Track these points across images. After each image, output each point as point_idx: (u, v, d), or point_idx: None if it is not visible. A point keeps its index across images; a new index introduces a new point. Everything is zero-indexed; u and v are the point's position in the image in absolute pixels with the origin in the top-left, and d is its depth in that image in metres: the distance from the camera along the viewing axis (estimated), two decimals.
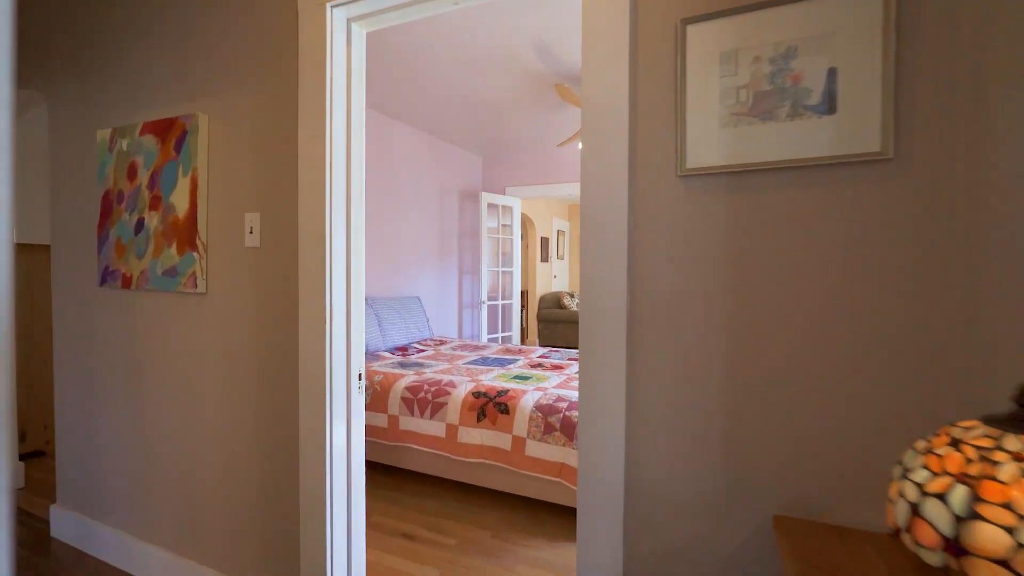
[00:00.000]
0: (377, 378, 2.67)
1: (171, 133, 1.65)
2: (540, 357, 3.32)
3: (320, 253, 1.41)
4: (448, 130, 4.32)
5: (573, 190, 4.91)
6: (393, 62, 2.84)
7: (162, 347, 1.72)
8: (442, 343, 3.83)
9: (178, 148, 1.64)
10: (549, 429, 2.16)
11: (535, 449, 2.17)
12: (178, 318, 1.69)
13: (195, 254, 1.61)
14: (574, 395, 2.33)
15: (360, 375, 1.52)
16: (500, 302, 5.04)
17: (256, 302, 1.55)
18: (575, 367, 3.00)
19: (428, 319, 4.19)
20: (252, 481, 1.56)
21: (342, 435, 1.46)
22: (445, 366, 2.97)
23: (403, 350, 3.47)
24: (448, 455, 2.36)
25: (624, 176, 1.05)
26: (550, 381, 2.62)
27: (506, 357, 3.31)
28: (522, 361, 3.17)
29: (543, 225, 7.76)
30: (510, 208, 5.16)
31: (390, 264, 3.99)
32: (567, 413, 2.17)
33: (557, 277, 8.42)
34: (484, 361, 3.16)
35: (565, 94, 2.77)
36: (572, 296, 7.66)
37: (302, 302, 1.44)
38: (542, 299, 7.55)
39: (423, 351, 3.50)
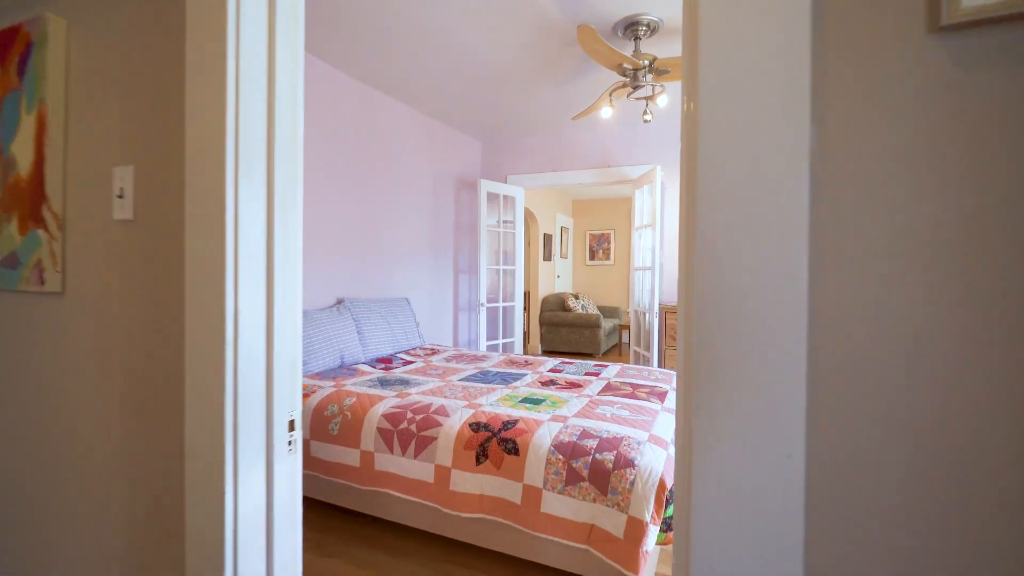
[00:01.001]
0: (348, 402, 2.10)
1: (10, 50, 1.09)
2: (552, 371, 2.76)
3: (216, 236, 0.85)
4: (443, 108, 3.76)
5: (584, 177, 4.36)
6: (377, 16, 2.28)
7: None
8: (434, 352, 3.27)
9: (21, 71, 1.07)
10: (573, 477, 1.60)
11: (554, 504, 1.61)
12: (21, 334, 1.12)
13: (41, 232, 1.04)
14: (604, 428, 1.77)
15: (291, 422, 0.96)
16: (501, 304, 4.49)
17: (126, 306, 0.98)
18: (596, 384, 2.44)
19: (418, 324, 3.63)
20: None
21: (255, 507, 0.89)
22: (435, 384, 2.40)
23: (386, 362, 2.91)
24: (437, 507, 1.80)
25: (804, 47, 0.49)
26: (569, 406, 2.05)
27: (510, 371, 2.75)
28: (530, 377, 2.61)
29: (546, 221, 7.21)
30: (512, 199, 4.60)
31: (374, 260, 3.42)
32: (597, 456, 1.61)
33: (560, 277, 7.87)
34: (484, 377, 2.60)
35: (589, 41, 2.20)
36: (576, 298, 7.11)
37: (189, 309, 0.88)
38: (545, 300, 6.99)
39: (410, 363, 2.93)
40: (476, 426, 1.83)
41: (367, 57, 2.87)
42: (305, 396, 2.19)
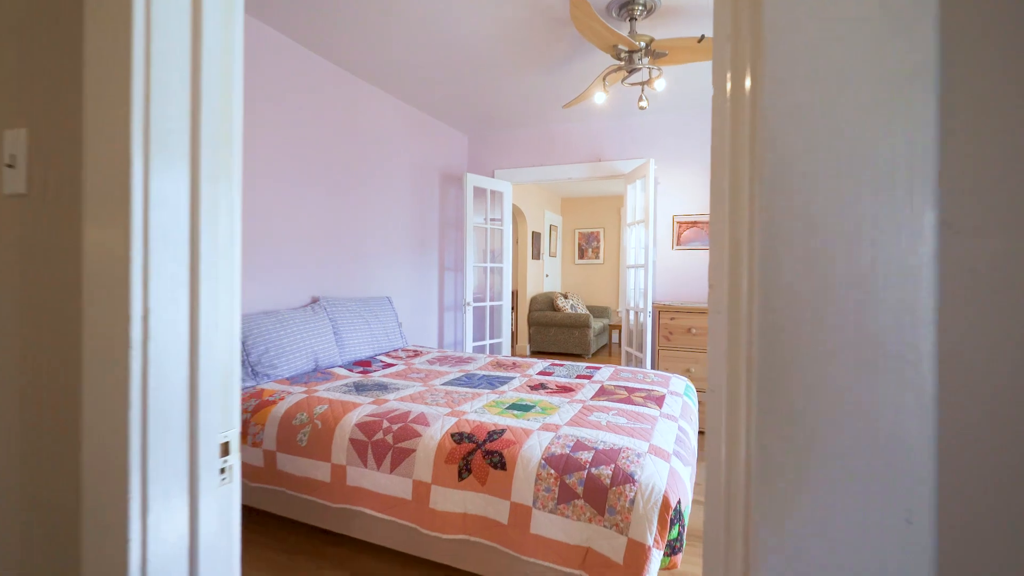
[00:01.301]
0: (319, 409, 1.91)
1: None
2: (541, 374, 2.60)
3: (119, 219, 0.67)
4: (427, 98, 3.57)
5: (574, 172, 4.20)
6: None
7: None
8: (416, 354, 3.09)
9: None
10: (566, 495, 1.44)
11: (545, 524, 1.45)
12: None
13: None
14: (600, 438, 1.62)
15: (224, 445, 0.78)
16: (488, 303, 4.31)
17: (17, 301, 0.79)
18: (589, 388, 2.28)
19: (400, 324, 3.44)
20: None
21: (172, 551, 0.71)
22: (416, 389, 2.22)
23: (365, 365, 2.72)
24: (415, 526, 1.62)
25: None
26: (561, 413, 1.89)
27: (497, 374, 2.58)
28: (518, 380, 2.45)
29: (534, 218, 7.05)
30: (500, 194, 4.43)
31: (354, 257, 3.23)
32: (593, 470, 1.45)
33: (549, 276, 7.72)
34: (469, 380, 2.43)
35: (582, 16, 2.02)
36: (565, 297, 6.97)
37: (87, 308, 0.70)
38: (533, 300, 6.84)
39: (391, 366, 2.74)
40: (459, 437, 1.66)
41: (347, 41, 2.67)
42: (272, 404, 2.00)
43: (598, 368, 2.73)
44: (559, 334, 6.53)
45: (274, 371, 2.30)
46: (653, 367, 3.62)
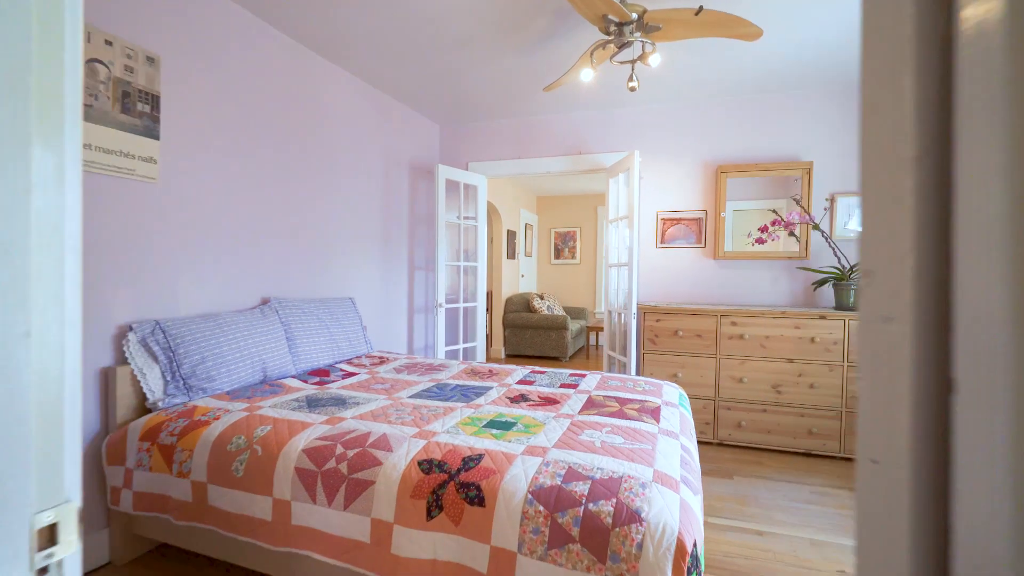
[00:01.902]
0: (261, 431, 1.60)
1: None
2: (521, 383, 2.34)
3: None
4: (396, 81, 3.27)
5: (554, 165, 3.97)
6: None
7: None
8: (382, 361, 2.79)
9: None
10: (559, 537, 1.18)
11: (533, 574, 1.19)
12: None
13: None
14: (595, 463, 1.37)
15: (46, 530, 0.49)
16: (461, 305, 4.03)
17: None
18: (576, 399, 2.04)
19: (365, 328, 3.13)
20: None
21: None
22: (379, 403, 1.93)
23: (322, 374, 2.41)
24: (373, 575, 1.34)
25: None
26: (547, 432, 1.64)
27: (472, 384, 2.31)
28: (496, 391, 2.18)
29: (509, 216, 6.81)
30: (474, 188, 4.16)
31: (312, 253, 2.90)
32: (591, 506, 1.20)
33: (525, 276, 7.49)
34: (440, 392, 2.15)
35: None
36: (542, 298, 6.74)
37: None
38: (508, 301, 6.59)
39: (352, 375, 2.44)
40: (428, 465, 1.38)
41: (303, 11, 2.36)
42: (204, 424, 1.67)
43: (583, 376, 2.49)
44: (535, 336, 6.30)
45: (211, 384, 1.97)
46: (638, 372, 3.42)
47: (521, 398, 2.08)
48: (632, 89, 2.19)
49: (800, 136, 3.39)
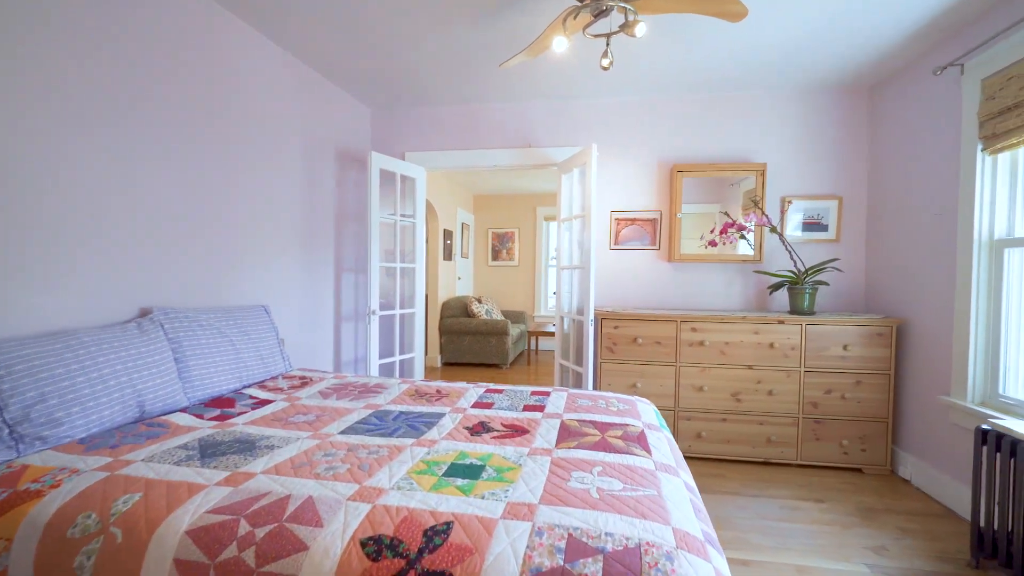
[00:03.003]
0: (123, 503, 1.12)
1: None
2: (478, 407, 1.98)
3: None
4: (322, 54, 2.78)
5: (501, 158, 3.64)
6: None
7: None
8: (304, 383, 2.30)
9: None
10: None
11: None
12: None
13: None
14: (600, 523, 1.05)
15: None
16: (397, 311, 3.58)
17: None
18: (546, 426, 1.71)
19: (282, 341, 2.61)
20: None
21: None
22: (302, 446, 1.49)
23: (224, 405, 1.89)
24: None
25: None
26: (526, 478, 1.29)
27: (420, 410, 1.91)
28: (449, 420, 1.80)
29: (446, 215, 6.39)
30: (412, 181, 3.73)
31: (211, 252, 2.35)
32: None
33: (462, 279, 7.09)
34: (381, 424, 1.74)
35: None
36: (480, 302, 6.40)
37: None
38: (445, 305, 6.18)
39: (265, 404, 1.95)
40: (376, 546, 0.99)
41: None
42: (34, 497, 1.15)
43: (547, 394, 2.18)
44: (475, 343, 5.94)
45: (55, 431, 1.42)
46: (595, 383, 3.17)
47: (482, 427, 1.72)
48: (605, 68, 1.92)
49: (755, 137, 3.33)
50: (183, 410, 1.80)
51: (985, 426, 1.98)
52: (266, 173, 2.71)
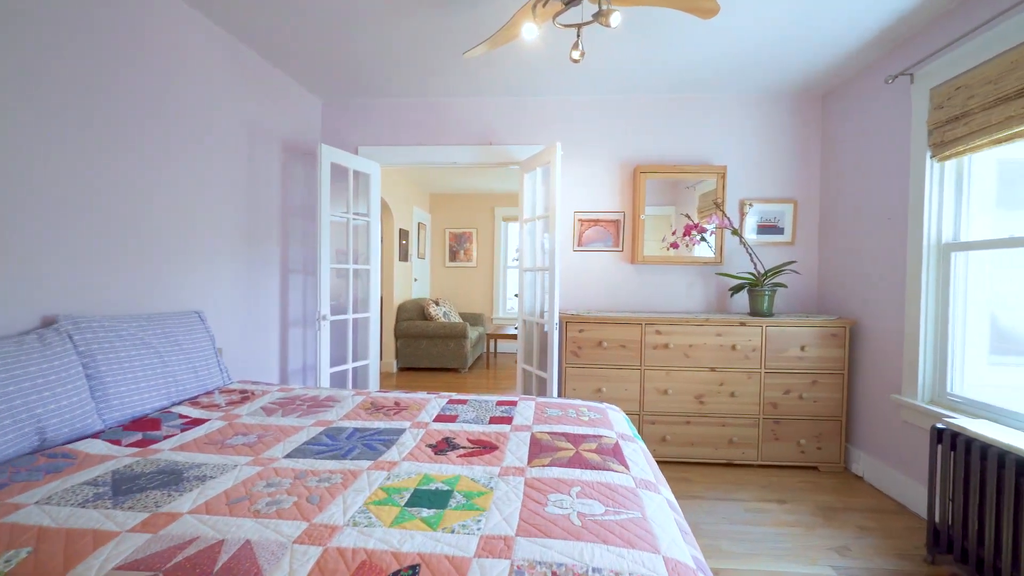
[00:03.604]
0: (2, 565, 0.90)
1: None
2: (441, 420, 1.83)
3: None
4: (268, 38, 2.54)
5: (460, 155, 3.50)
6: None
7: None
8: (245, 397, 2.07)
9: None
10: None
11: None
12: None
13: None
14: (585, 556, 0.94)
15: None
16: (351, 316, 3.36)
17: None
18: (515, 440, 1.60)
19: (220, 351, 2.36)
20: None
21: None
22: (239, 474, 1.30)
23: (148, 427, 1.65)
24: None
25: None
26: (499, 503, 1.16)
27: (377, 426, 1.74)
28: (411, 436, 1.65)
29: (401, 214, 6.16)
30: (366, 177, 3.52)
31: (137, 252, 2.08)
32: None
33: (418, 280, 6.87)
34: (333, 443, 1.56)
35: None
36: (437, 304, 6.21)
37: None
38: (401, 308, 5.95)
39: (198, 424, 1.72)
40: None
41: None
42: None
43: (514, 403, 2.06)
44: (432, 346, 5.75)
45: None
46: (560, 388, 3.09)
47: (447, 444, 1.58)
48: (576, 60, 1.83)
49: (717, 140, 3.35)
50: (96, 435, 1.55)
51: (940, 425, 2.03)
52: (201, 165, 2.44)
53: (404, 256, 6.25)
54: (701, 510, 2.45)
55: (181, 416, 1.79)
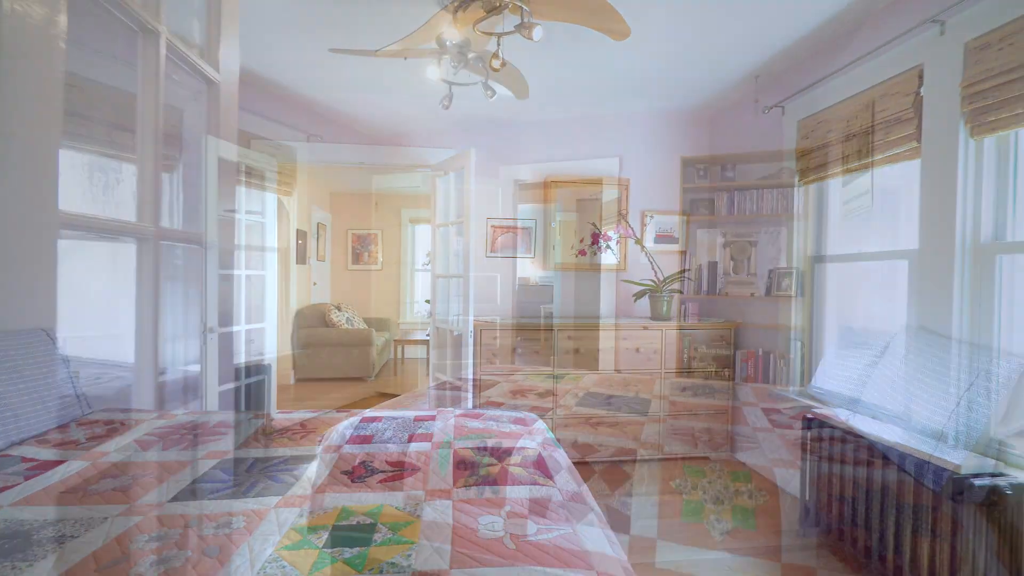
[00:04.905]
0: None
1: None
2: (355, 442, 1.70)
3: None
4: None
5: (367, 155, 3.32)
6: None
7: None
8: (113, 429, 1.76)
9: None
10: None
11: None
12: None
13: None
14: None
15: None
16: (244, 327, 3.03)
17: None
18: (440, 460, 1.53)
19: (76, 375, 1.98)
20: None
21: None
22: (112, 529, 1.09)
23: None
24: None
25: None
26: (428, 532, 1.10)
27: (281, 455, 1.57)
28: (323, 464, 1.51)
29: (299, 214, 5.72)
30: (260, 172, 3.20)
31: None
32: None
33: (318, 285, 6.43)
34: (228, 482, 1.37)
35: None
36: (340, 310, 5.87)
37: None
38: (299, 315, 5.53)
39: (46, 470, 1.42)
40: None
41: None
42: None
43: (432, 418, 1.98)
44: (335, 355, 5.41)
45: None
46: (475, 396, 3.06)
47: (365, 469, 1.47)
48: (495, 69, 1.81)
49: (622, 154, 3.54)
50: None
51: (809, 415, 2.32)
52: (44, 148, 2.04)
53: (302, 259, 5.81)
54: (615, 507, 2.57)
55: (25, 459, 1.47)
